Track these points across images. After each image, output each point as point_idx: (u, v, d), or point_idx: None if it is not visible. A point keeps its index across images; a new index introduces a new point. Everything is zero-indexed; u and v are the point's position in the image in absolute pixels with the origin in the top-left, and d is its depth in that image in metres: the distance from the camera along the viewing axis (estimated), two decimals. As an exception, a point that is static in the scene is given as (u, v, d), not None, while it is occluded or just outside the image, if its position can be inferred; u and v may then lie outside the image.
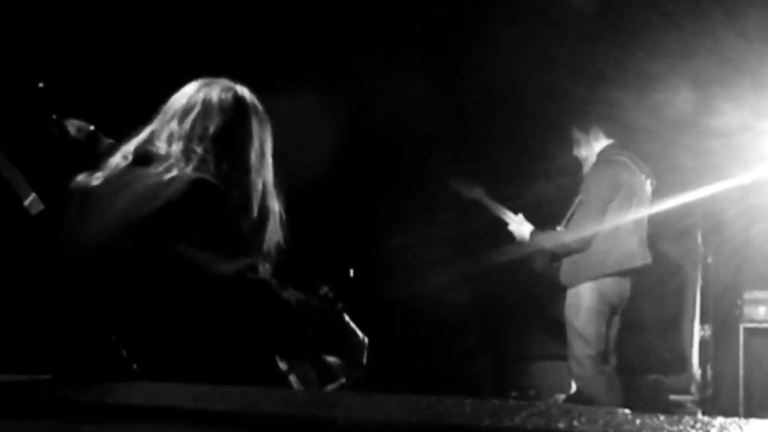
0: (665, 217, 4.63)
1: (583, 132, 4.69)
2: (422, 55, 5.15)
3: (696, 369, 5.38)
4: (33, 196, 1.44)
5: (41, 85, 2.05)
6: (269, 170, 2.00)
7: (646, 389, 5.03)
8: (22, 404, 1.00)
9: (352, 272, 5.54)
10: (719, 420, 0.78)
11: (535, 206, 5.12)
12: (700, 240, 5.36)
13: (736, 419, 0.80)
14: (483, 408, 0.83)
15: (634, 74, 4.94)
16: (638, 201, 4.53)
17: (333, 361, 1.97)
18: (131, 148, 1.93)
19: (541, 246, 4.71)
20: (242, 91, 2.00)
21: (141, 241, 1.74)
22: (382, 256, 5.89)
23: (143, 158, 1.89)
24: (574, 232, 4.47)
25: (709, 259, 5.28)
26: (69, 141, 2.08)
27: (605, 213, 4.43)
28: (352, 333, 1.92)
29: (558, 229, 4.69)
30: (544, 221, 4.82)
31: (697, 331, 5.40)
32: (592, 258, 4.44)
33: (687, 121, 4.81)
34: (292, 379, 1.96)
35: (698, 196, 4.81)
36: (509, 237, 4.90)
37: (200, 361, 1.74)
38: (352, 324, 1.92)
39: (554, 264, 4.80)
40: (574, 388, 5.76)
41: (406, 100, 5.25)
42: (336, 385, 1.98)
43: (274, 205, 1.99)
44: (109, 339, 1.38)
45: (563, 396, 5.59)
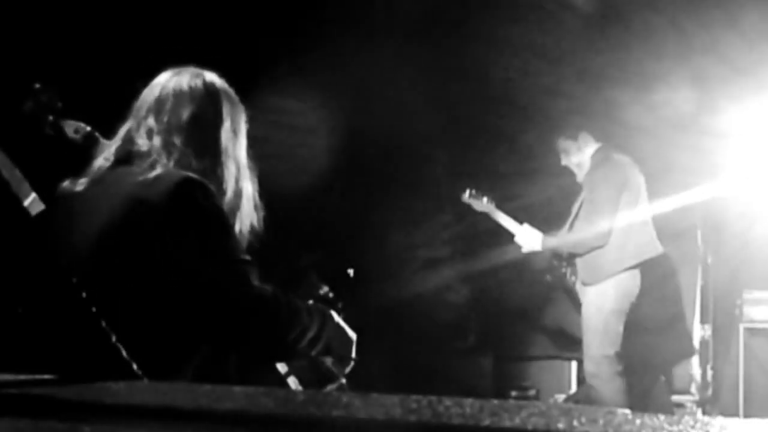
0: (665, 218, 4.62)
1: (571, 140, 4.62)
2: (422, 54, 5.15)
3: (696, 369, 5.38)
4: (33, 196, 1.44)
5: (38, 86, 2.05)
6: (242, 151, 2.00)
7: (646, 389, 5.02)
8: (22, 404, 1.00)
9: (352, 272, 5.55)
10: (719, 420, 0.78)
11: (535, 206, 5.12)
12: (699, 240, 5.36)
13: (736, 419, 0.80)
14: (483, 408, 0.83)
15: (634, 74, 4.94)
16: (643, 197, 4.53)
17: (330, 361, 1.97)
18: (112, 149, 1.93)
19: (556, 250, 4.66)
20: (211, 76, 2.00)
21: (133, 241, 1.74)
22: (382, 256, 5.89)
23: (125, 157, 1.89)
24: (591, 229, 4.41)
25: (709, 259, 5.28)
26: (66, 142, 2.08)
27: (618, 208, 4.42)
28: (340, 329, 1.93)
29: (564, 231, 4.67)
30: (544, 221, 4.81)
31: (697, 331, 5.40)
32: (610, 254, 4.40)
33: (686, 121, 4.81)
34: (291, 380, 1.96)
35: (698, 197, 4.81)
36: (509, 237, 4.89)
37: (201, 361, 1.74)
38: (339, 319, 1.94)
39: (556, 263, 4.79)
40: (574, 388, 5.77)
41: (405, 100, 5.25)
42: (335, 385, 1.98)
43: (248, 187, 1.98)
44: (109, 339, 1.38)
45: (563, 396, 5.60)
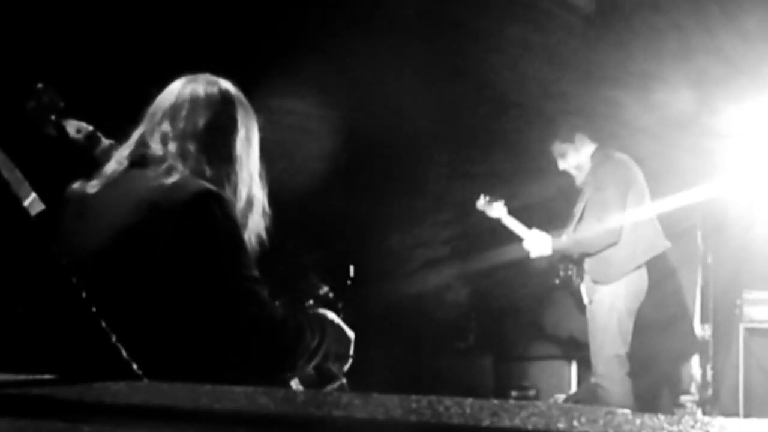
0: (665, 217, 4.62)
1: (568, 143, 4.60)
2: (421, 54, 5.15)
3: (696, 369, 5.38)
4: (33, 196, 1.44)
5: (40, 86, 2.05)
6: (255, 159, 2.01)
7: (646, 389, 5.02)
8: (22, 404, 1.00)
9: (352, 272, 5.55)
10: (719, 420, 0.78)
11: (535, 206, 5.13)
12: (700, 240, 5.36)
13: (736, 419, 0.80)
14: (483, 408, 0.83)
15: (634, 74, 4.94)
16: (647, 194, 4.53)
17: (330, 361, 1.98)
18: (125, 153, 1.92)
19: (566, 252, 4.64)
20: (226, 84, 2.01)
21: (144, 244, 1.74)
22: (382, 256, 5.90)
23: (140, 161, 1.89)
24: (602, 227, 4.38)
25: (709, 259, 5.28)
26: (68, 142, 2.08)
27: (626, 204, 4.41)
28: (338, 329, 1.95)
29: (569, 233, 4.65)
30: (544, 221, 4.81)
31: (697, 331, 5.40)
32: (621, 252, 4.39)
33: (687, 121, 4.81)
34: (292, 381, 1.96)
35: (698, 197, 4.80)
36: (509, 237, 4.89)
37: (201, 362, 1.74)
38: (336, 319, 1.95)
39: (562, 265, 4.78)
40: (574, 388, 5.77)
41: (405, 99, 5.25)
42: (336, 385, 1.99)
43: (260, 195, 1.99)
44: (109, 339, 1.38)
45: (563, 396, 5.60)
